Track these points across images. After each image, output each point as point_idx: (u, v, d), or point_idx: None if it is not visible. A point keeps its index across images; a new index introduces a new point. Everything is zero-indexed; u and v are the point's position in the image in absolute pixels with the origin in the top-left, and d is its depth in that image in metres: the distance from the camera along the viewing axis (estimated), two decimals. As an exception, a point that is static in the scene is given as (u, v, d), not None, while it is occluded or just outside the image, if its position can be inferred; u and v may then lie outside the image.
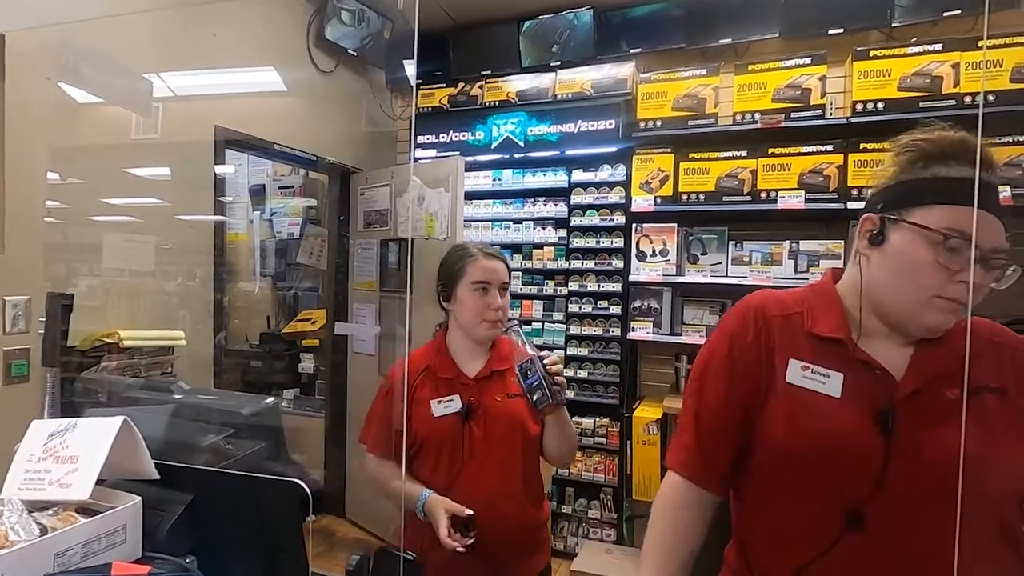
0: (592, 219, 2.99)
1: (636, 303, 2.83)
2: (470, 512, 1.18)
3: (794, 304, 0.89)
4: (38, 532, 0.73)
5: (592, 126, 2.91)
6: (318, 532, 3.14)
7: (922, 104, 2.31)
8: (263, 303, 4.09)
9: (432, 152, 3.24)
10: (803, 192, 2.49)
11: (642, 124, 2.76)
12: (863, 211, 0.85)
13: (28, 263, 1.82)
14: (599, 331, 2.96)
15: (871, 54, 2.39)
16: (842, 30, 2.50)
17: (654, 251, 2.77)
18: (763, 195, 2.57)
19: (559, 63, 3.02)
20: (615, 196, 2.94)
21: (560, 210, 3.07)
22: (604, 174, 2.96)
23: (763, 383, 0.86)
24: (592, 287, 2.98)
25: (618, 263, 2.92)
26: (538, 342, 3.04)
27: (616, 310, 2.92)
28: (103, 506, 0.81)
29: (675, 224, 2.74)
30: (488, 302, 1.29)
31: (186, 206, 2.43)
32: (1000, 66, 2.23)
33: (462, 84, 3.19)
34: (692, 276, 2.73)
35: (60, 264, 1.99)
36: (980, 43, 2.24)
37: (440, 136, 3.24)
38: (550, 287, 3.10)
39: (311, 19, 2.95)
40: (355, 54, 3.10)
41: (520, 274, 3.16)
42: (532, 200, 3.13)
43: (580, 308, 2.99)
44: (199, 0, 2.39)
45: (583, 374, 2.99)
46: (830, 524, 0.79)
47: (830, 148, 2.47)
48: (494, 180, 3.20)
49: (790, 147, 2.53)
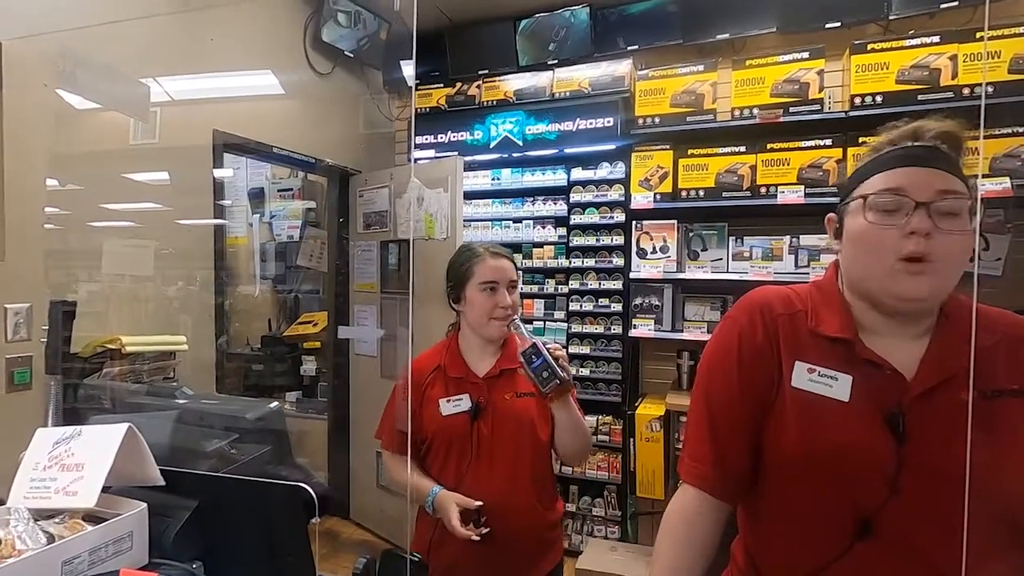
0: (592, 217, 2.99)
1: (637, 300, 2.83)
2: (479, 503, 1.20)
3: (798, 302, 0.87)
4: (45, 540, 0.73)
5: (590, 124, 2.90)
6: (322, 535, 3.12)
7: (920, 97, 2.30)
8: (264, 306, 4.08)
9: (431, 152, 3.24)
10: (803, 187, 2.49)
11: (640, 121, 2.76)
12: None
13: (29, 270, 1.81)
14: (600, 329, 2.96)
15: (869, 47, 2.39)
16: (839, 24, 2.49)
17: (654, 248, 2.77)
18: (763, 190, 2.56)
19: (556, 61, 3.01)
20: (614, 194, 2.93)
21: (560, 208, 3.06)
22: (603, 172, 2.96)
23: (774, 383, 0.83)
24: (593, 285, 2.97)
25: (618, 261, 2.92)
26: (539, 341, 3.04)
27: (617, 308, 2.92)
28: (109, 513, 0.81)
29: (675, 221, 2.74)
30: (497, 301, 1.30)
31: (185, 210, 2.42)
32: (998, 57, 2.22)
33: (459, 84, 3.18)
34: (693, 272, 2.73)
35: (60, 271, 1.98)
36: (979, 34, 2.24)
37: (438, 136, 3.24)
38: (551, 286, 3.10)
39: (307, 21, 2.94)
40: (352, 56, 3.10)
41: (520, 273, 3.16)
42: (531, 199, 3.13)
43: (581, 306, 2.99)
44: (196, 6, 2.38)
45: (585, 372, 2.99)
46: (841, 531, 0.77)
47: (829, 142, 2.46)
48: (493, 179, 3.20)
49: (789, 142, 2.52)
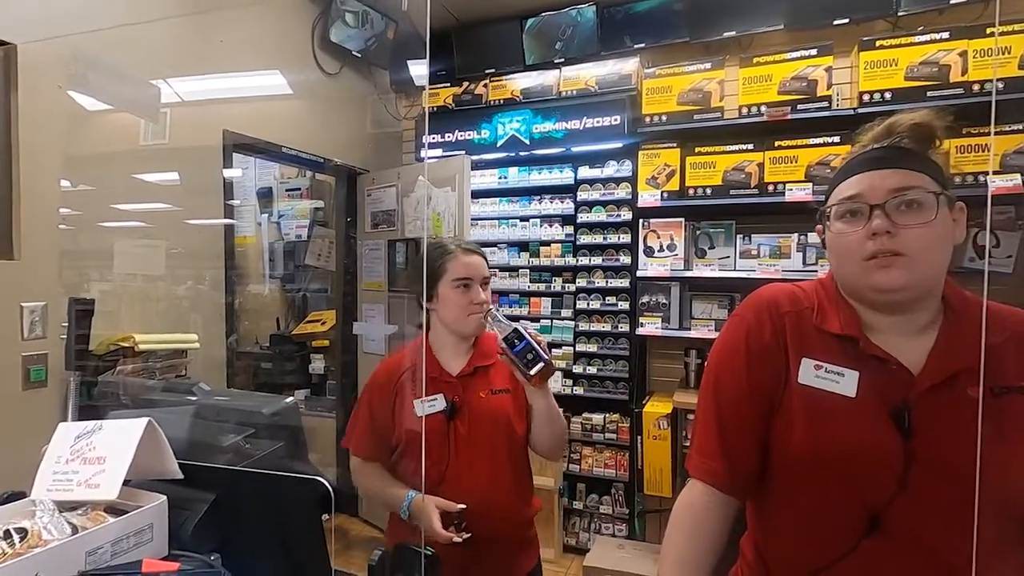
0: (599, 215, 2.99)
1: (644, 298, 2.83)
2: (462, 506, 1.17)
3: (805, 299, 0.87)
4: (69, 531, 0.75)
5: (597, 122, 2.90)
6: (331, 530, 3.16)
7: (930, 93, 2.29)
8: (272, 305, 4.11)
9: (438, 151, 3.25)
10: (811, 184, 2.48)
11: (647, 119, 2.76)
12: None
13: (44, 269, 1.84)
14: (608, 327, 2.97)
15: (877, 44, 2.38)
16: (848, 20, 2.48)
17: (661, 246, 2.77)
18: (770, 188, 2.56)
19: (563, 60, 3.02)
20: (621, 192, 2.94)
21: (567, 207, 3.07)
22: (610, 170, 2.96)
23: (781, 380, 0.84)
24: (600, 283, 2.98)
25: (626, 259, 2.92)
26: (547, 339, 3.05)
27: (624, 306, 2.92)
28: (130, 505, 0.83)
29: (682, 219, 2.74)
30: (471, 297, 1.29)
31: (195, 210, 2.44)
32: (1008, 53, 2.21)
33: (466, 83, 3.19)
34: (700, 270, 2.73)
35: (73, 270, 2.01)
36: (989, 30, 2.23)
37: (445, 135, 3.25)
38: (558, 284, 3.10)
39: (315, 22, 2.96)
40: (359, 56, 3.11)
41: (528, 271, 3.17)
42: (538, 197, 3.14)
43: (588, 304, 2.99)
44: (207, 8, 2.41)
45: (592, 370, 2.99)
46: (849, 527, 0.77)
47: (837, 139, 2.46)
48: (500, 178, 3.20)
49: (797, 139, 2.52)
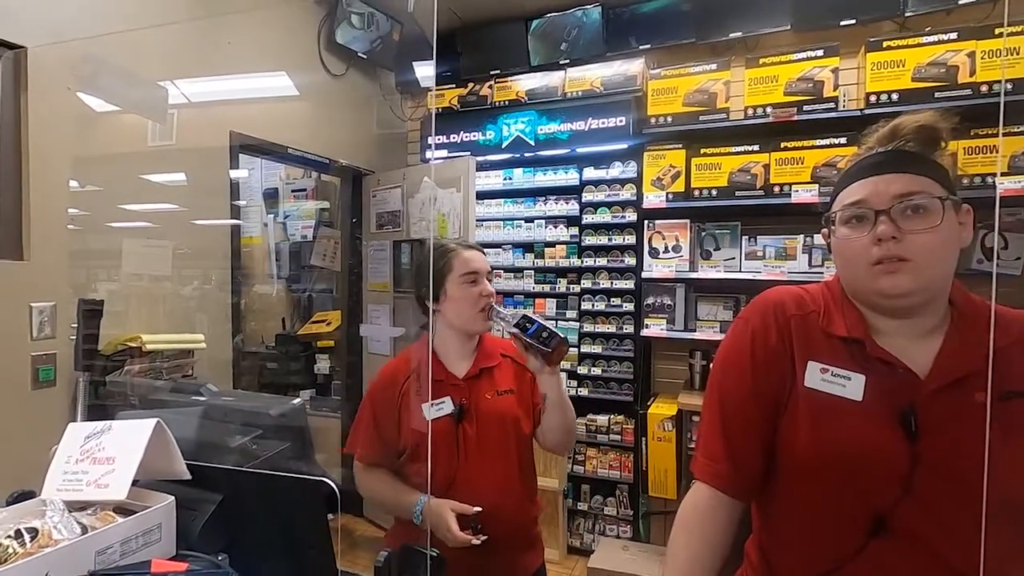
0: (604, 216, 2.99)
1: (649, 300, 2.83)
2: (478, 509, 1.18)
3: (811, 302, 0.87)
4: (79, 531, 0.75)
5: (602, 124, 2.90)
6: (334, 531, 3.16)
7: (937, 94, 2.28)
8: (278, 305, 4.13)
9: (443, 152, 3.25)
10: (817, 185, 2.47)
11: (653, 120, 2.76)
12: None
13: (53, 270, 1.86)
14: (612, 328, 2.96)
15: (884, 45, 2.36)
16: (854, 21, 2.47)
17: (667, 247, 2.77)
18: (776, 189, 2.55)
19: (568, 61, 3.02)
20: (627, 193, 2.93)
21: (572, 208, 3.07)
22: (615, 171, 2.96)
23: (787, 383, 0.83)
24: (605, 284, 2.98)
25: (631, 260, 2.92)
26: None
27: (629, 307, 2.92)
28: (139, 506, 0.83)
29: (687, 220, 2.73)
30: (480, 290, 1.30)
31: (202, 211, 2.46)
32: (1017, 54, 2.20)
33: (471, 84, 3.20)
34: (705, 272, 2.72)
35: (81, 270, 2.03)
36: (998, 30, 2.21)
37: (451, 136, 3.25)
38: (563, 285, 3.10)
39: (321, 23, 2.98)
40: (365, 57, 3.12)
41: (533, 272, 3.17)
42: (543, 198, 3.14)
43: (593, 306, 2.99)
44: (216, 12, 2.42)
45: (597, 371, 2.99)
46: (855, 530, 0.77)
47: (844, 140, 2.44)
48: (505, 179, 3.21)
49: (803, 140, 2.51)
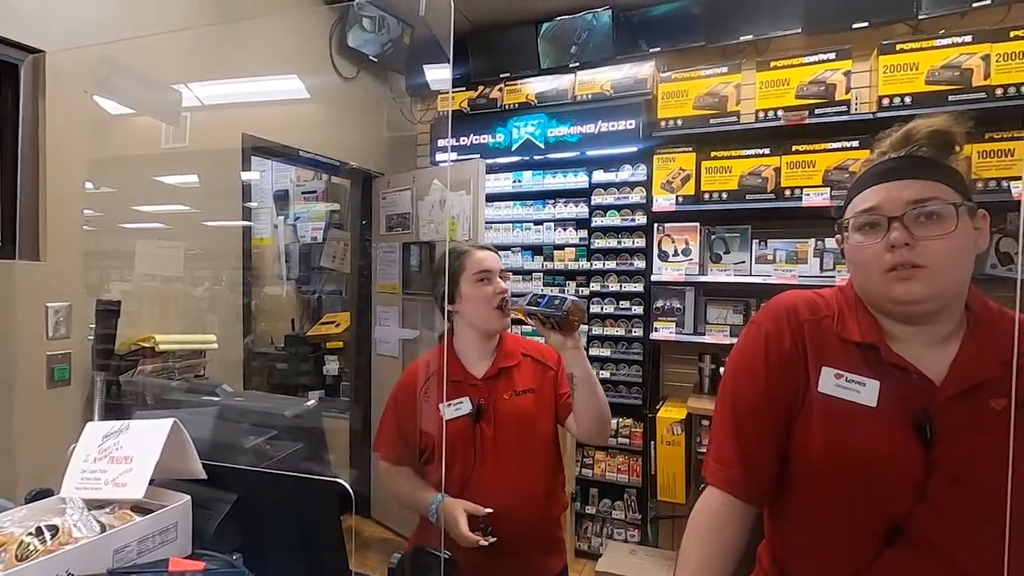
0: (613, 219, 2.98)
1: (658, 303, 2.82)
2: (489, 510, 1.19)
3: (824, 307, 0.87)
4: (98, 529, 0.76)
5: (612, 126, 2.90)
6: (346, 531, 3.18)
7: (951, 98, 2.26)
8: (287, 306, 4.16)
9: (453, 155, 3.26)
10: (829, 189, 2.46)
11: (663, 123, 2.75)
12: None
13: (68, 270, 1.88)
14: (621, 332, 2.96)
15: (897, 47, 2.35)
16: (867, 23, 2.46)
17: (676, 251, 2.76)
18: (787, 193, 2.53)
19: (578, 64, 3.02)
20: (636, 196, 2.93)
21: (581, 211, 3.07)
22: (625, 174, 2.95)
23: (800, 388, 0.83)
24: (614, 287, 2.97)
25: (640, 263, 2.91)
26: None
27: (638, 310, 2.92)
28: (155, 505, 0.84)
29: (697, 223, 2.73)
30: (494, 288, 1.32)
31: (214, 212, 2.48)
32: (1032, 57, 2.18)
33: (481, 87, 3.21)
34: (715, 275, 2.71)
35: (95, 271, 2.05)
36: (1013, 33, 2.19)
37: (460, 139, 3.26)
38: (572, 288, 3.10)
39: (333, 27, 3.00)
40: (376, 60, 3.14)
41: (542, 275, 3.17)
42: (553, 201, 3.14)
43: (602, 309, 2.99)
44: (231, 18, 2.45)
45: (606, 374, 2.98)
46: (870, 537, 0.76)
47: (856, 144, 2.43)
48: (515, 182, 3.21)
49: (815, 144, 2.49)
